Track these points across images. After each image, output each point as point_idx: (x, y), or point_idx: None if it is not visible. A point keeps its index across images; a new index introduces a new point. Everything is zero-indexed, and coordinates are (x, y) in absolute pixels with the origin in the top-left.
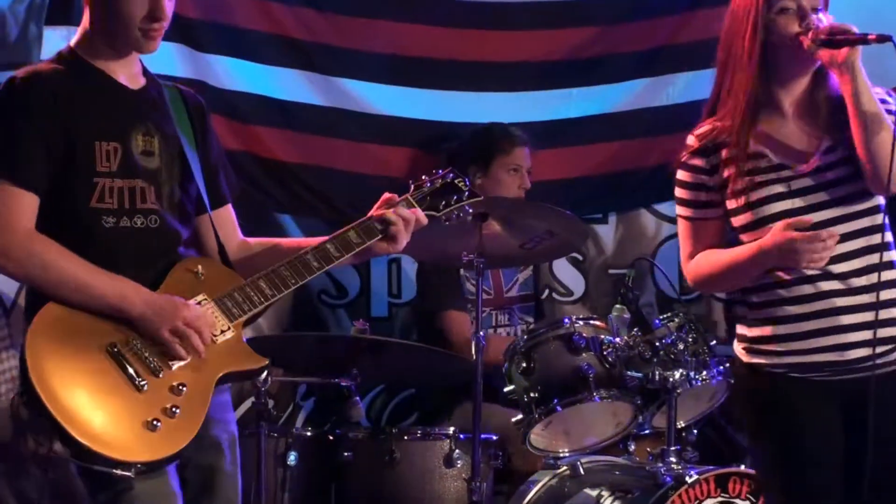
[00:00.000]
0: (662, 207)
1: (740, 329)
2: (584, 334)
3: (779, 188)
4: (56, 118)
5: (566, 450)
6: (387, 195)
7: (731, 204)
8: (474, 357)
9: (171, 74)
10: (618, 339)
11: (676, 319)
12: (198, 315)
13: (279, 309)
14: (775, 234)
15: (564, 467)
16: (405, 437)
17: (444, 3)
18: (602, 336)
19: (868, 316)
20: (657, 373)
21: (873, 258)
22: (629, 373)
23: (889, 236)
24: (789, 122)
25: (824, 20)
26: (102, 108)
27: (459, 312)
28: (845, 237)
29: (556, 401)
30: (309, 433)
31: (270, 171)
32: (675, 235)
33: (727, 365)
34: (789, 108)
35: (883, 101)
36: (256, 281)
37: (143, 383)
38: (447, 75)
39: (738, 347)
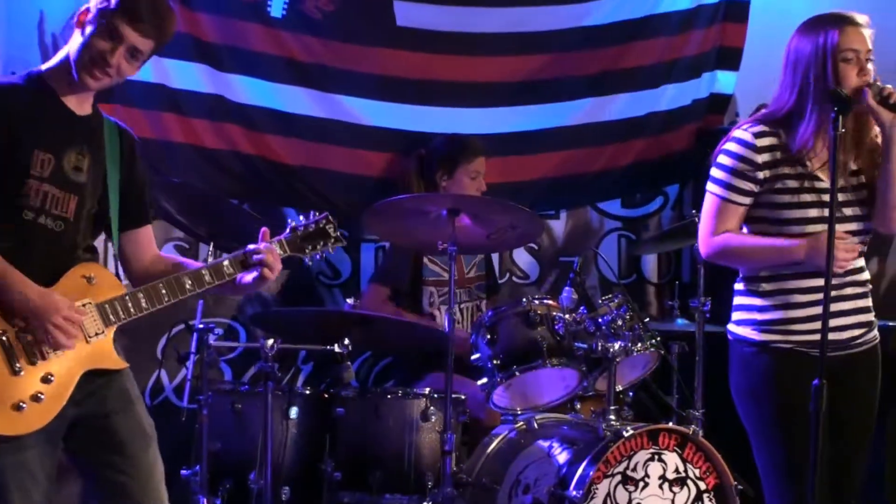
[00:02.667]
0: (605, 206)
1: (749, 314)
2: (539, 312)
3: (809, 197)
4: (4, 122)
5: (523, 408)
6: (264, 230)
7: (771, 199)
8: (447, 329)
9: (196, 90)
10: (567, 316)
11: (616, 300)
12: (72, 317)
13: (286, 289)
14: (817, 239)
15: (521, 423)
16: (388, 396)
17: (421, 32)
18: (554, 313)
19: (858, 303)
20: (599, 344)
21: (860, 261)
22: (576, 344)
23: None
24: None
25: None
26: (47, 124)
27: (378, 286)
28: None
29: (514, 367)
30: (308, 392)
31: (278, 171)
32: (615, 230)
33: (658, 339)
34: None
35: None
36: (136, 294)
37: (19, 369)
38: (425, 93)
39: (744, 329)
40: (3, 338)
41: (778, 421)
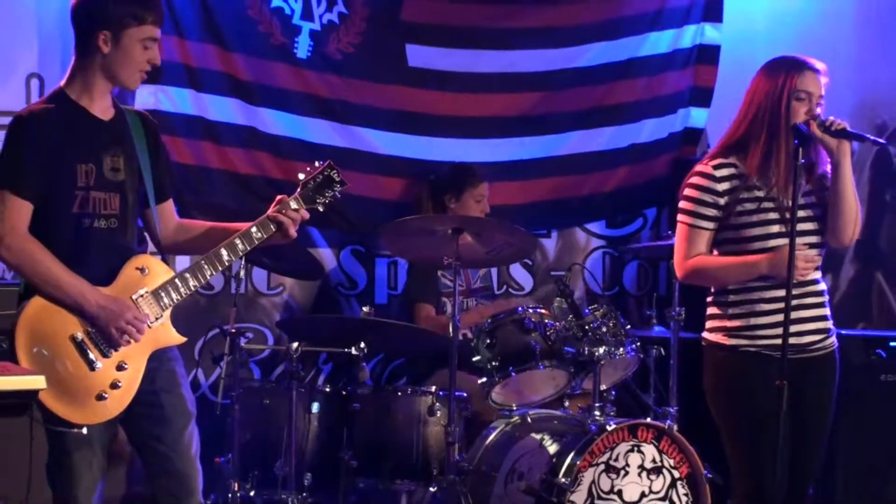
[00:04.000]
0: (591, 226)
1: (720, 322)
2: (533, 319)
3: (774, 215)
4: (46, 147)
5: (518, 404)
6: (280, 196)
7: (733, 222)
8: (451, 335)
9: (231, 122)
10: (557, 323)
11: (601, 309)
12: (136, 315)
13: (308, 297)
14: (778, 255)
15: (516, 417)
16: (399, 393)
17: (430, 72)
18: (546, 321)
19: (816, 311)
20: (586, 349)
21: (817, 273)
22: (565, 348)
23: None
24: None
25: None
26: (82, 137)
27: (424, 304)
28: None
29: (511, 368)
30: (328, 389)
31: None
32: (600, 247)
33: (637, 343)
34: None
35: None
36: (184, 274)
37: (96, 364)
38: (433, 126)
39: (715, 335)
40: (77, 338)
41: (744, 416)
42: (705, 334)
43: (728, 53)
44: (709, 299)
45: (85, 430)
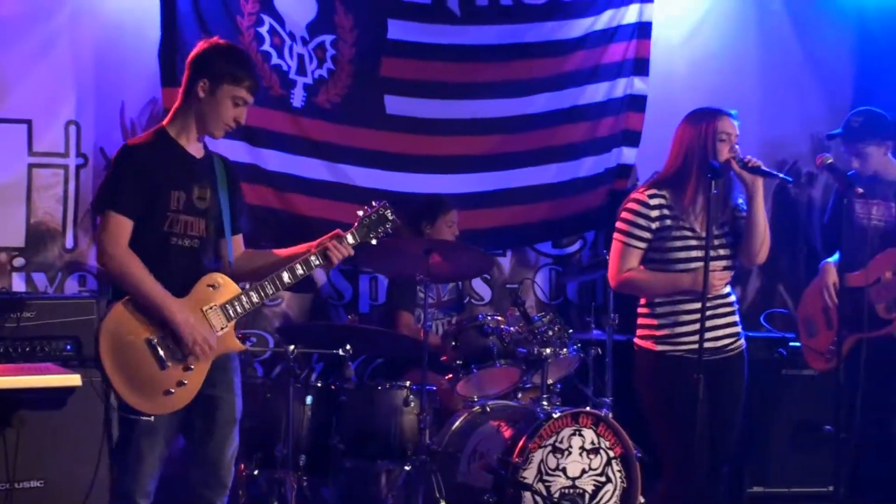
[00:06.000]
0: (540, 247)
1: (649, 331)
2: (491, 325)
3: (696, 241)
4: (147, 174)
5: (479, 396)
6: (336, 231)
7: (660, 244)
8: (423, 338)
9: (237, 160)
10: (512, 328)
11: (548, 316)
12: (207, 335)
13: (303, 307)
14: (697, 272)
15: (477, 407)
16: (379, 388)
17: (405, 119)
18: (502, 326)
19: (728, 319)
20: (535, 349)
21: (728, 287)
22: (518, 349)
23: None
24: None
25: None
26: (176, 169)
27: (404, 313)
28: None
29: (473, 366)
30: (319, 385)
31: (297, 222)
32: (547, 264)
33: (579, 345)
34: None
35: None
36: (248, 292)
37: (167, 364)
38: (408, 164)
39: (646, 342)
40: (152, 341)
41: (671, 409)
42: (637, 340)
43: (653, 101)
44: (639, 310)
45: (153, 419)
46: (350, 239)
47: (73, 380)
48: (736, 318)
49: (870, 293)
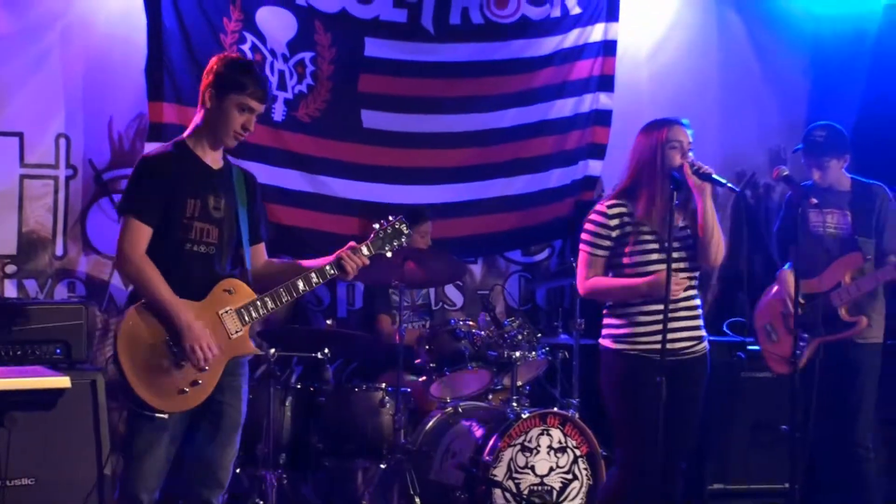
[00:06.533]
0: (510, 255)
1: (610, 330)
2: (463, 329)
3: (655, 245)
4: (164, 182)
5: (451, 397)
6: (352, 243)
7: (622, 251)
8: (397, 341)
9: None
10: (483, 332)
11: (517, 321)
12: (209, 344)
13: (284, 312)
14: (657, 278)
15: (450, 408)
16: (356, 389)
17: (381, 132)
18: (473, 330)
19: (689, 322)
20: (505, 352)
21: (690, 291)
22: (489, 352)
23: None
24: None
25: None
26: (192, 179)
27: (384, 316)
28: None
29: (445, 368)
30: (299, 386)
31: (279, 231)
32: (517, 271)
33: (547, 348)
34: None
35: None
36: (264, 298)
37: (183, 364)
38: (384, 175)
39: (607, 341)
40: (170, 342)
41: (626, 403)
42: (601, 340)
43: (618, 115)
44: (604, 312)
45: (166, 416)
46: (365, 251)
47: (63, 382)
48: (698, 322)
49: (831, 298)
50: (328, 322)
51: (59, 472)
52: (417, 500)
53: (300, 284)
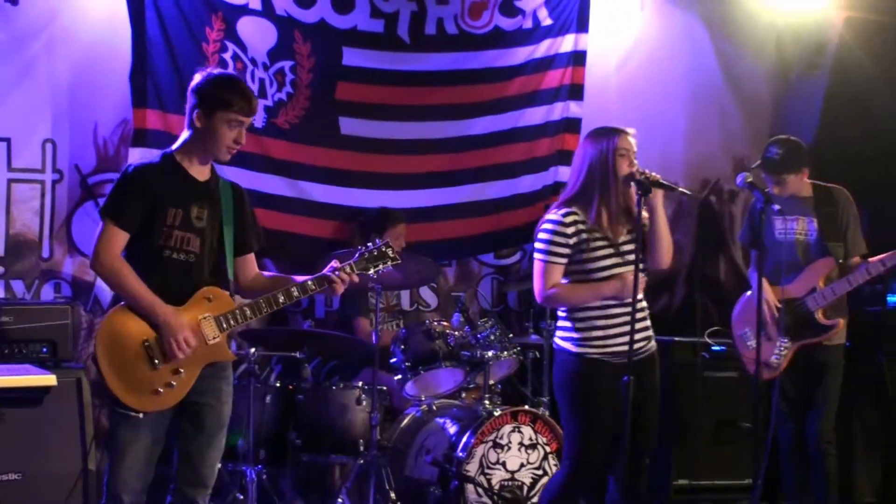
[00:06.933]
0: (482, 258)
1: (570, 334)
2: (437, 330)
3: (609, 250)
4: (147, 192)
5: (426, 396)
6: (335, 263)
7: (578, 257)
8: (373, 342)
9: None
10: (456, 333)
11: (490, 322)
12: (189, 336)
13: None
14: (618, 281)
15: (424, 406)
16: (333, 388)
17: (358, 139)
18: (447, 331)
19: (639, 324)
20: (478, 352)
21: (640, 294)
22: (462, 352)
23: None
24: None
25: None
26: (176, 189)
27: (363, 318)
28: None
29: (420, 367)
30: (278, 384)
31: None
32: (489, 274)
33: (518, 348)
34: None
35: None
36: (243, 307)
37: (158, 365)
38: (360, 180)
39: (567, 343)
40: (146, 343)
41: (584, 403)
42: (558, 341)
43: (587, 123)
44: (560, 313)
45: (141, 416)
46: (348, 269)
47: (49, 380)
48: (648, 322)
49: (807, 302)
50: (308, 322)
51: (45, 467)
52: (392, 494)
53: (280, 297)
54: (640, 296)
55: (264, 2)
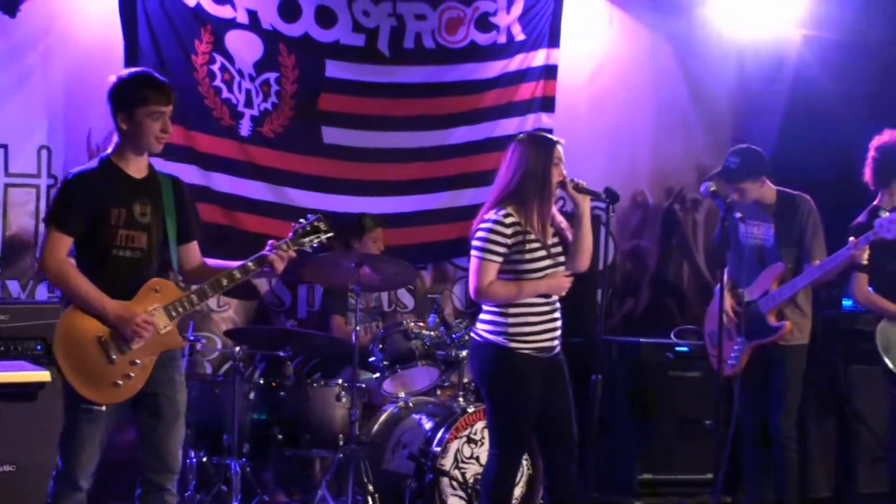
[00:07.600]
0: (457, 261)
1: (501, 328)
2: (414, 330)
3: (543, 252)
4: (88, 196)
5: (403, 393)
6: (272, 242)
7: (514, 256)
8: (353, 341)
9: (190, 182)
10: (432, 333)
11: (464, 323)
12: (144, 319)
13: (248, 313)
14: (553, 279)
15: (401, 402)
16: (314, 385)
17: (340, 147)
18: (423, 331)
19: (557, 324)
20: (453, 352)
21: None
22: (438, 352)
23: None
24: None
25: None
26: (116, 190)
27: (338, 316)
28: None
29: (397, 366)
30: (261, 382)
31: (244, 238)
32: (463, 277)
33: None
34: None
35: None
36: (189, 295)
37: (114, 358)
38: (341, 187)
39: (497, 338)
40: (101, 339)
41: (515, 395)
42: (485, 334)
43: (558, 134)
44: (490, 309)
45: (104, 408)
46: (284, 246)
47: (43, 376)
48: (560, 322)
49: (759, 305)
50: (291, 322)
51: (39, 459)
52: (371, 487)
53: (223, 280)
54: (555, 297)
55: (251, 16)
